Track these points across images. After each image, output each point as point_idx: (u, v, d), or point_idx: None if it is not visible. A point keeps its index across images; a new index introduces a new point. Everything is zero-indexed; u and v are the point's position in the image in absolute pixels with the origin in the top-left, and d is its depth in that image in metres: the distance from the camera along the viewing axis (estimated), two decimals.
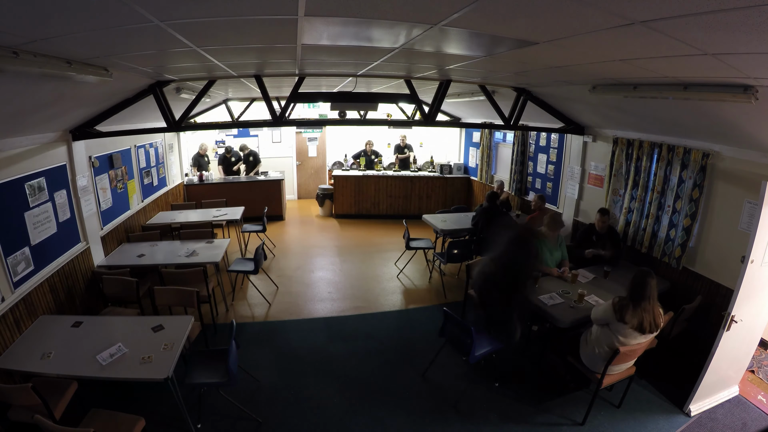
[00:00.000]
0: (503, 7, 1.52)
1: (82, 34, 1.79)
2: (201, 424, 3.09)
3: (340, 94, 4.84)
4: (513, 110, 4.62)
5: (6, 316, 3.03)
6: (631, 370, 3.19)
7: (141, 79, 3.49)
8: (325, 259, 6.56)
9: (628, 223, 4.59)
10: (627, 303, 2.87)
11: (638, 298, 2.85)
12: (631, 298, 2.88)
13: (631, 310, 2.84)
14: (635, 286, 2.88)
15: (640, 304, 2.84)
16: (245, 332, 4.38)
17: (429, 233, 6.82)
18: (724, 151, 3.53)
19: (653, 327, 2.86)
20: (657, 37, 1.68)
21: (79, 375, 2.72)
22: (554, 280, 3.99)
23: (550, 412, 3.31)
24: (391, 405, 3.40)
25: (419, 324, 4.72)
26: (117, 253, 4.76)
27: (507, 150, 7.46)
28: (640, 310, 2.83)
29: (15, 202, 3.29)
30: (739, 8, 1.26)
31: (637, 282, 2.88)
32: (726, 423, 3.19)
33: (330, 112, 5.70)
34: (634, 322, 2.83)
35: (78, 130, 3.98)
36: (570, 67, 2.80)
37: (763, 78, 2.13)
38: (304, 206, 9.83)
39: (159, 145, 6.80)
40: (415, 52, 2.62)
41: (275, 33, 2.08)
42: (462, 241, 5.60)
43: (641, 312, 2.83)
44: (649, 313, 2.84)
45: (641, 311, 2.83)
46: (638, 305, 2.84)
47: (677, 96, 2.75)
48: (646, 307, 2.84)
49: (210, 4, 1.52)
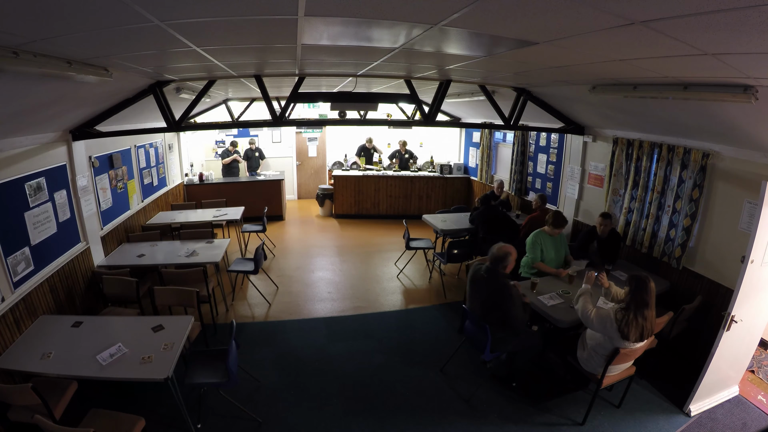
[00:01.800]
0: (503, 7, 1.52)
1: (82, 34, 1.79)
2: (201, 424, 3.09)
3: (340, 94, 4.85)
4: (513, 110, 4.62)
5: (6, 316, 3.03)
6: (631, 370, 3.19)
7: (141, 79, 3.49)
8: (325, 259, 6.56)
9: (628, 223, 4.59)
10: (630, 317, 2.76)
11: (641, 306, 2.76)
12: (633, 309, 2.77)
13: (634, 325, 2.75)
14: (637, 294, 2.76)
15: (643, 312, 2.76)
16: (245, 332, 4.38)
17: (429, 233, 6.82)
18: (724, 151, 3.53)
19: (650, 333, 2.85)
20: (657, 37, 1.68)
21: (79, 375, 2.72)
22: (554, 281, 3.99)
23: (550, 412, 3.31)
24: (391, 405, 3.40)
25: (419, 324, 4.72)
26: (117, 253, 4.76)
27: (507, 150, 7.46)
28: (641, 320, 2.76)
29: (15, 202, 3.28)
30: (739, 8, 1.26)
31: (640, 289, 2.77)
32: (726, 423, 3.19)
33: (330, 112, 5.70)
34: (636, 334, 2.77)
35: (78, 130, 3.98)
36: (570, 67, 2.80)
37: (763, 78, 2.13)
38: (304, 206, 9.83)
39: (159, 145, 6.80)
40: (415, 52, 2.62)
41: (275, 33, 2.08)
42: (462, 241, 5.60)
43: (641, 321, 2.76)
44: (648, 321, 2.78)
45: (641, 320, 2.76)
46: (640, 314, 2.76)
47: (677, 96, 2.75)
48: (647, 314, 2.77)
49: (210, 4, 1.52)
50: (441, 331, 4.53)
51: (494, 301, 3.22)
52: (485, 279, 3.27)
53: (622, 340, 2.81)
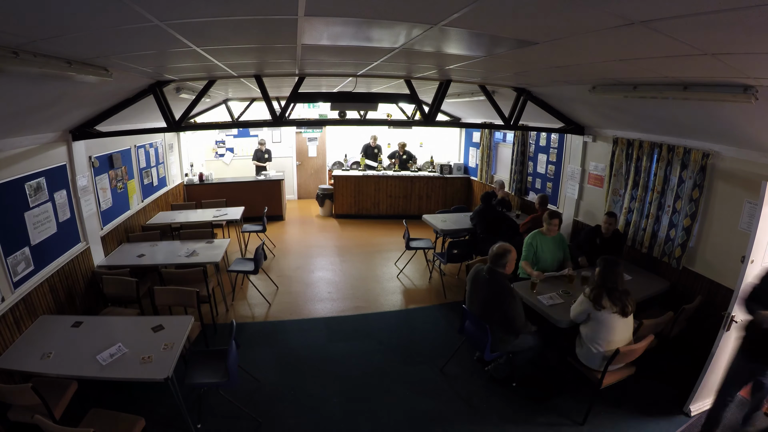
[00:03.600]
0: (503, 7, 1.52)
1: (82, 34, 1.79)
2: (201, 424, 3.09)
3: (340, 94, 4.85)
4: (513, 110, 4.62)
5: (6, 316, 3.03)
6: (631, 370, 3.19)
7: (141, 79, 3.49)
8: (325, 259, 6.56)
9: (628, 223, 4.59)
10: (600, 291, 2.97)
11: (611, 285, 2.96)
12: (603, 286, 2.98)
13: (606, 297, 2.94)
14: (606, 274, 2.99)
15: (613, 292, 2.95)
16: (245, 332, 4.38)
17: (429, 233, 6.82)
18: (724, 151, 3.53)
19: (632, 308, 2.98)
20: (657, 37, 1.68)
21: (79, 375, 2.72)
22: (554, 281, 3.99)
23: (550, 412, 3.31)
24: (391, 405, 3.40)
25: (419, 324, 4.72)
26: (117, 253, 4.76)
27: (507, 150, 7.46)
28: (615, 297, 2.94)
29: (15, 202, 3.29)
30: (739, 8, 1.26)
31: (607, 270, 2.99)
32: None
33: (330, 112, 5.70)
34: (614, 308, 2.93)
35: (78, 130, 3.98)
36: (570, 67, 2.80)
37: (763, 78, 2.13)
38: (304, 206, 9.83)
39: (159, 145, 6.80)
40: (415, 52, 2.62)
41: (275, 33, 2.08)
42: (462, 241, 5.60)
43: (616, 298, 2.94)
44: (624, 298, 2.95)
45: (616, 298, 2.94)
46: (612, 293, 2.94)
47: (677, 96, 2.75)
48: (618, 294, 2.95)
49: (210, 4, 1.52)
50: (441, 331, 4.53)
51: (495, 302, 3.22)
52: (486, 279, 3.27)
53: (599, 312, 2.95)
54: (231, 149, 9.54)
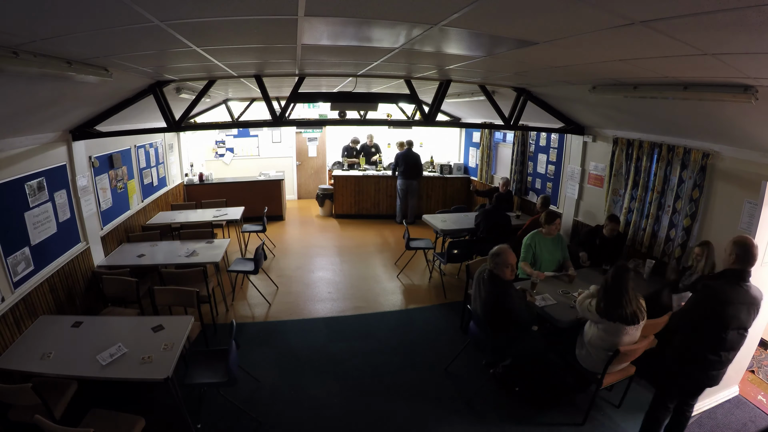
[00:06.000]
0: (503, 7, 1.52)
1: (82, 34, 1.79)
2: (201, 424, 3.09)
3: (340, 94, 4.85)
4: (513, 110, 4.62)
5: (6, 316, 3.03)
6: (631, 370, 3.19)
7: (141, 79, 3.49)
8: (325, 259, 6.56)
9: (628, 223, 4.59)
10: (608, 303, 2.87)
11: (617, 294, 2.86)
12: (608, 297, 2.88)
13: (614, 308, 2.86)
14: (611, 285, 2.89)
15: (620, 300, 2.85)
16: (245, 332, 4.38)
17: (429, 233, 6.82)
18: (724, 151, 3.53)
19: (642, 314, 2.89)
20: (657, 37, 1.68)
21: (79, 375, 2.72)
22: (554, 281, 3.99)
23: (550, 412, 3.31)
24: (391, 405, 3.40)
25: (419, 324, 4.72)
26: (117, 253, 4.76)
27: (507, 150, 7.46)
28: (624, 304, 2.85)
29: (15, 202, 3.28)
30: (740, 8, 1.26)
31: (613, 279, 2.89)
32: (726, 423, 3.19)
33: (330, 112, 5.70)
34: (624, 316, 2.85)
35: (78, 130, 3.98)
36: (570, 67, 2.80)
37: (763, 78, 2.13)
38: (304, 206, 9.83)
39: (159, 145, 6.80)
40: (415, 52, 2.62)
41: (275, 33, 2.08)
42: (462, 241, 5.60)
43: (626, 305, 2.85)
44: (632, 304, 2.86)
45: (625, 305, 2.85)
46: (619, 301, 2.85)
47: (677, 96, 2.75)
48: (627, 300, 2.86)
49: (210, 4, 1.52)
50: (441, 331, 4.53)
51: (494, 301, 3.22)
52: (486, 280, 3.29)
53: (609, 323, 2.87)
54: (231, 149, 9.54)
